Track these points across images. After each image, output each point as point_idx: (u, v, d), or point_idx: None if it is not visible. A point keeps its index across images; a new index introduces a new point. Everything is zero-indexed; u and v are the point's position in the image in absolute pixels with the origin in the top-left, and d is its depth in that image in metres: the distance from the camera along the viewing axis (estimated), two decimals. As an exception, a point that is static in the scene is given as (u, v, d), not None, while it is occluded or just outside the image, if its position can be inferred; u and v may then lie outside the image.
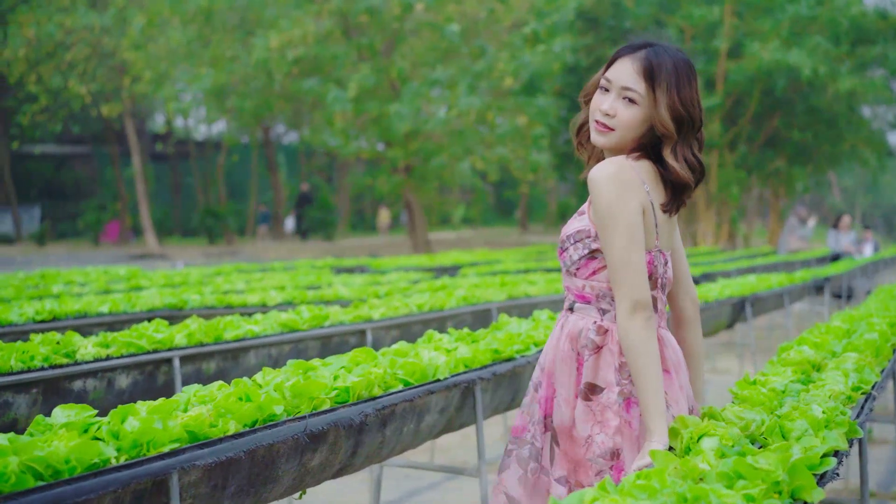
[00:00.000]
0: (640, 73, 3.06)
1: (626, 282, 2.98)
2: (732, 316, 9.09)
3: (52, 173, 45.38)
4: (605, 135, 3.11)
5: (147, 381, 4.87)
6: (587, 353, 3.13)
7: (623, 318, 3.00)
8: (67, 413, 2.98)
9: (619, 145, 3.11)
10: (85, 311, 6.57)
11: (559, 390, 3.18)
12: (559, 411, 3.17)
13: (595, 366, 3.12)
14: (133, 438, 2.86)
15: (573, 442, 3.13)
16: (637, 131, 3.09)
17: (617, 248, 2.99)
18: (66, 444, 2.68)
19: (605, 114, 3.09)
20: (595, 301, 3.16)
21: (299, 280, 10.94)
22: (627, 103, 3.07)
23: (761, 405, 3.54)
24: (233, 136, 36.48)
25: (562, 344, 3.19)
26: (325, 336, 6.11)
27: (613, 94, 3.10)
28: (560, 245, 3.18)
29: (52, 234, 40.81)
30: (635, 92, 3.06)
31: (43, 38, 28.69)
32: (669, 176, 3.10)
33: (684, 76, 3.08)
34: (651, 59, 3.06)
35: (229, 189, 45.16)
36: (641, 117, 3.07)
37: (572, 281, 3.18)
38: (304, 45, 24.09)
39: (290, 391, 3.50)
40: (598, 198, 3.01)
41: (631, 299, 2.98)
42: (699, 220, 27.80)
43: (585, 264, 3.13)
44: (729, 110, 26.78)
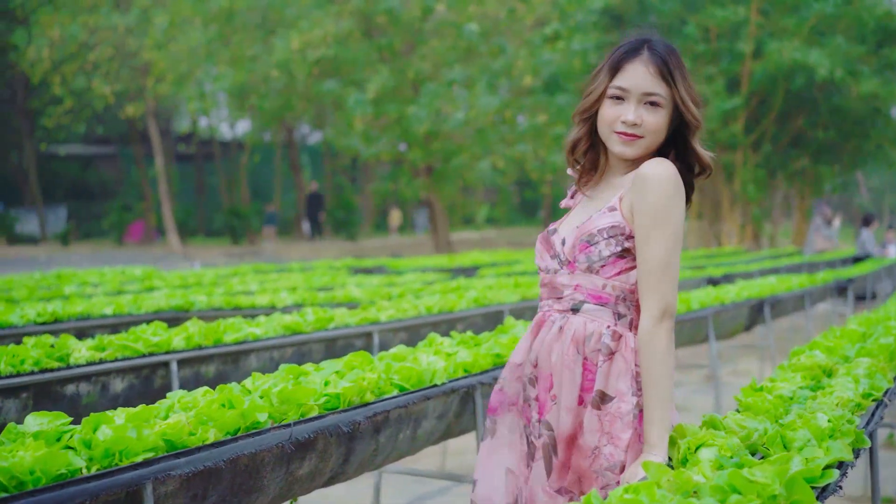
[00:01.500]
0: (657, 75, 2.98)
1: (662, 286, 2.89)
2: (751, 318, 8.94)
3: (77, 174, 45.66)
4: (634, 144, 3.01)
5: (143, 385, 4.78)
6: (600, 359, 2.97)
7: (650, 322, 2.89)
8: (40, 421, 2.88)
9: (647, 152, 3.03)
10: (88, 313, 6.50)
11: (560, 397, 3.00)
12: (559, 419, 3.00)
13: (607, 373, 2.97)
14: (105, 448, 2.76)
15: (578, 452, 2.98)
16: (664, 134, 3.01)
17: (663, 249, 2.89)
18: (33, 454, 2.58)
19: (633, 123, 2.99)
20: (613, 303, 3.00)
21: (314, 281, 10.86)
22: (651, 108, 2.98)
23: (766, 413, 3.41)
24: (255, 136, 36.48)
25: (563, 347, 3.01)
26: (329, 339, 6.01)
27: (633, 101, 2.99)
28: (586, 239, 2.98)
29: (76, 234, 41.03)
30: (658, 95, 2.98)
31: (66, 39, 28.78)
32: (694, 167, 3.08)
33: (683, 64, 3.06)
34: (663, 57, 3.00)
35: (253, 189, 45.23)
36: (667, 119, 3.00)
37: (588, 279, 2.99)
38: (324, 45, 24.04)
39: (277, 397, 3.40)
40: (653, 195, 2.89)
41: (663, 305, 2.89)
42: (723, 220, 27.59)
43: (613, 262, 2.98)
44: (753, 110, 26.54)
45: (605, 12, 26.12)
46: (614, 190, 3.06)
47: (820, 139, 27.51)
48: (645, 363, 2.90)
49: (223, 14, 25.66)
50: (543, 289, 3.13)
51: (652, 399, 2.88)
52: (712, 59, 25.72)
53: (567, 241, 3.04)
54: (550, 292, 3.09)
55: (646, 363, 2.89)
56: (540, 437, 3.05)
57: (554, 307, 3.07)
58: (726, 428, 3.18)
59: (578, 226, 3.03)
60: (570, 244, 3.03)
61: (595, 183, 3.16)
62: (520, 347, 3.18)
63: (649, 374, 2.89)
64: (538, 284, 3.26)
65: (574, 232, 3.03)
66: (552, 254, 3.09)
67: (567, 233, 3.07)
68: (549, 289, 3.10)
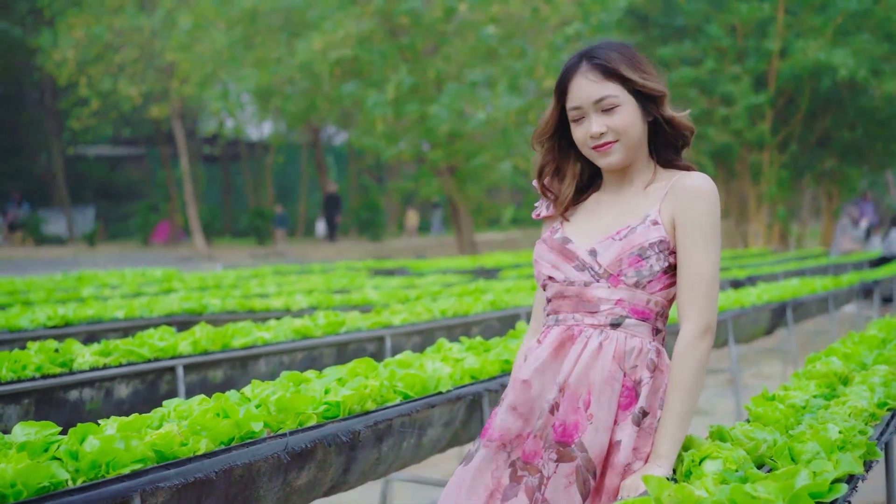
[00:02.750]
0: (600, 79, 2.93)
1: (708, 301, 2.85)
2: (772, 321, 8.81)
3: (105, 175, 45.97)
4: (611, 151, 2.96)
5: (148, 391, 4.73)
6: (645, 375, 2.89)
7: (694, 336, 2.84)
8: (27, 431, 2.83)
9: (631, 153, 2.97)
10: (98, 316, 6.46)
11: (598, 416, 2.86)
12: (596, 439, 2.86)
13: (651, 390, 2.89)
14: (92, 459, 2.70)
15: (612, 471, 2.87)
16: (640, 126, 2.95)
17: (711, 264, 2.87)
18: (15, 467, 2.52)
19: (600, 134, 2.94)
20: (653, 319, 2.93)
21: (333, 283, 10.81)
22: (609, 111, 2.93)
23: (776, 423, 3.32)
24: (279, 137, 36.51)
25: (604, 363, 2.88)
26: (340, 343, 5.95)
27: (591, 114, 2.95)
28: (638, 253, 2.88)
29: (104, 235, 41.26)
30: (609, 96, 2.92)
31: (92, 40, 28.90)
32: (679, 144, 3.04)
33: (631, 52, 2.97)
34: (599, 59, 2.94)
35: (279, 190, 45.31)
36: (633, 113, 2.93)
37: (633, 294, 2.90)
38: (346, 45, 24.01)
39: (275, 406, 3.34)
40: (700, 210, 2.88)
41: (707, 320, 2.85)
42: (750, 220, 27.36)
43: (659, 277, 2.91)
44: (781, 109, 26.32)
45: (630, 12, 25.96)
46: (645, 199, 2.99)
47: (846, 139, 27.26)
48: (677, 375, 2.84)
49: (246, 16, 25.68)
50: (564, 301, 2.98)
51: (674, 411, 2.82)
52: (738, 57, 25.51)
53: (606, 253, 2.91)
54: (578, 306, 2.95)
55: (679, 375, 2.84)
56: (571, 462, 2.88)
57: (585, 321, 2.94)
58: (734, 439, 3.10)
59: (613, 236, 2.92)
60: (612, 256, 2.90)
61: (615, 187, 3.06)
62: (531, 364, 2.99)
63: (679, 386, 2.83)
64: (547, 297, 3.04)
65: (616, 244, 2.91)
66: (577, 265, 2.95)
67: (596, 243, 2.94)
68: (574, 302, 2.96)
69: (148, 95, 32.57)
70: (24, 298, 8.79)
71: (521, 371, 2.99)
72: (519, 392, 2.97)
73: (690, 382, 2.82)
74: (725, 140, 25.10)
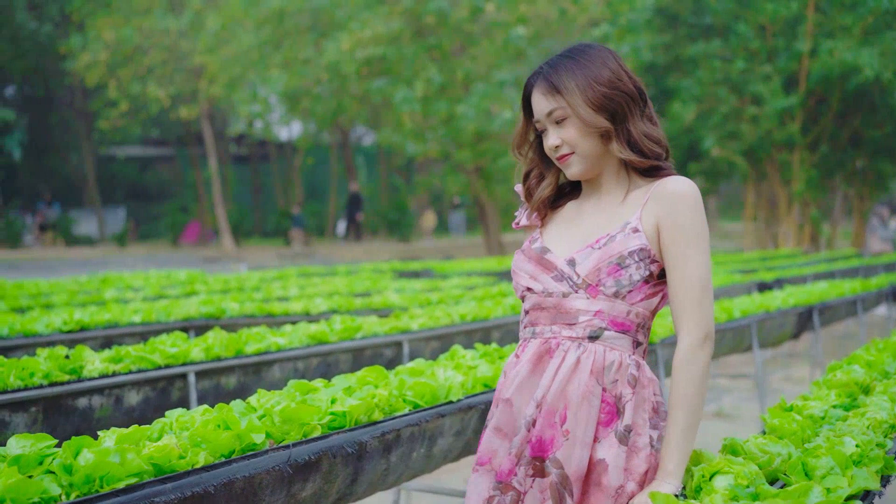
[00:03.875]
0: (547, 92, 2.87)
1: (703, 308, 2.76)
2: (799, 325, 8.68)
3: (136, 175, 46.22)
4: (569, 162, 2.90)
5: (159, 398, 4.69)
6: (627, 391, 2.80)
7: (694, 346, 2.75)
8: (22, 444, 2.77)
9: (591, 163, 2.90)
10: (115, 321, 6.42)
11: (575, 432, 2.77)
12: (573, 455, 2.78)
13: (634, 405, 2.80)
14: (86, 473, 2.64)
15: (600, 492, 2.77)
16: (592, 137, 2.85)
17: (702, 269, 2.77)
18: (5, 481, 2.47)
19: (555, 146, 2.89)
20: (634, 331, 2.84)
21: (356, 286, 10.76)
22: (561, 124, 2.87)
23: (791, 436, 3.23)
24: (308, 139, 36.55)
25: (582, 378, 2.79)
26: (356, 349, 5.89)
27: (548, 127, 2.90)
28: (617, 261, 2.79)
29: (134, 235, 41.46)
30: (557, 109, 2.85)
31: (121, 42, 29.03)
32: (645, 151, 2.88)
33: (595, 63, 2.85)
34: (547, 74, 2.88)
35: (308, 190, 45.39)
36: (582, 124, 2.84)
37: (612, 304, 2.80)
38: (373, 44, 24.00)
39: (279, 416, 3.27)
40: (685, 214, 2.78)
41: (704, 328, 2.76)
42: (780, 221, 27.13)
43: (640, 287, 2.81)
44: (811, 109, 26.07)
45: (659, 12, 25.80)
46: (625, 206, 2.89)
47: (877, 139, 26.96)
48: (679, 388, 2.75)
49: (274, 16, 25.71)
50: (541, 313, 2.88)
51: (678, 426, 2.73)
52: (769, 57, 25.29)
53: (584, 262, 2.81)
54: (556, 318, 2.85)
55: (680, 387, 2.75)
56: (545, 477, 2.80)
57: (563, 334, 2.84)
58: (747, 453, 3.01)
59: (592, 245, 2.82)
60: (590, 266, 2.80)
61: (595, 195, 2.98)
62: (511, 382, 2.91)
63: (682, 399, 2.74)
64: (525, 308, 2.95)
65: (595, 253, 2.81)
66: (555, 275, 2.85)
67: (575, 252, 2.85)
68: (552, 313, 2.86)
69: (176, 97, 32.69)
70: (45, 301, 8.79)
71: (504, 390, 2.92)
72: (502, 412, 2.90)
73: (693, 395, 2.74)
74: (757, 138, 24.90)
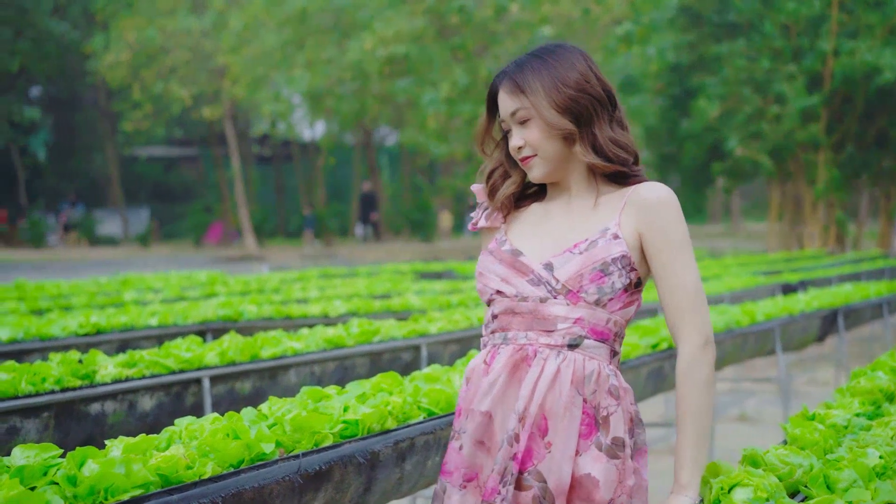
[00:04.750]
0: (512, 91, 2.78)
1: (701, 313, 2.69)
2: (823, 329, 8.57)
3: (160, 175, 46.39)
4: (531, 165, 2.80)
5: (173, 403, 4.64)
6: (612, 402, 2.71)
7: (696, 352, 2.66)
8: (27, 454, 2.72)
9: (554, 166, 2.80)
10: (132, 324, 6.38)
11: (557, 444, 2.67)
12: (556, 470, 2.67)
13: (618, 417, 2.72)
14: (90, 485, 2.59)
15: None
16: (554, 140, 2.75)
17: (694, 273, 2.70)
18: (6, 494, 2.42)
19: (518, 148, 2.80)
20: (612, 339, 2.75)
21: (376, 287, 10.71)
22: (524, 125, 2.77)
23: (813, 446, 3.13)
24: (331, 139, 36.57)
25: (563, 388, 2.69)
26: (374, 353, 5.83)
27: (513, 127, 2.81)
28: (601, 268, 2.69)
29: (158, 236, 41.60)
30: (520, 109, 2.76)
31: (144, 43, 29.12)
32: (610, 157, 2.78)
33: (563, 64, 2.76)
34: (513, 73, 2.79)
35: (332, 191, 45.40)
36: (544, 128, 2.75)
37: (593, 312, 2.71)
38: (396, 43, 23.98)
39: (290, 425, 3.21)
40: (669, 220, 2.71)
41: (705, 332, 2.68)
42: (805, 221, 26.92)
43: (619, 296, 2.73)
44: (836, 108, 25.86)
45: (682, 10, 25.66)
46: (599, 211, 2.80)
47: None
48: (686, 397, 2.66)
49: (297, 16, 25.72)
50: (514, 318, 2.76)
51: (689, 435, 2.64)
52: (794, 56, 25.11)
53: (564, 267, 2.71)
54: (532, 323, 2.74)
55: (686, 396, 2.66)
56: (527, 491, 2.69)
57: (540, 341, 2.72)
58: (767, 464, 2.92)
59: (570, 250, 2.72)
60: (571, 271, 2.70)
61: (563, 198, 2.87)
62: (486, 392, 2.77)
63: (689, 407, 2.65)
64: (494, 312, 2.83)
65: (575, 258, 2.71)
66: (531, 279, 2.74)
67: (552, 256, 2.74)
68: (527, 319, 2.74)
69: (199, 97, 32.77)
70: (64, 303, 8.77)
71: (478, 400, 2.76)
72: (481, 425, 2.75)
73: (701, 403, 2.65)
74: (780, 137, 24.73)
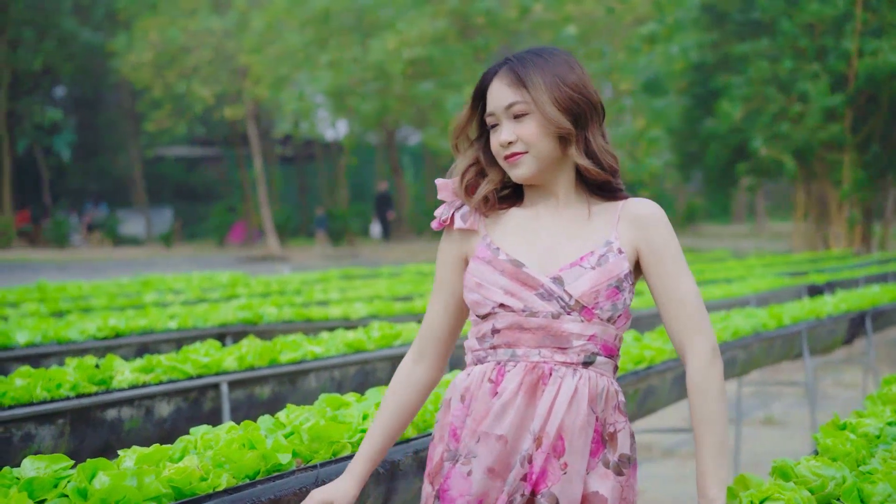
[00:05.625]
0: (512, 84, 2.65)
1: (706, 323, 2.62)
2: (851, 332, 8.45)
3: (183, 175, 46.49)
4: (519, 162, 2.65)
5: (191, 409, 4.58)
6: (621, 419, 2.66)
7: (708, 362, 2.59)
8: (37, 465, 2.65)
9: (543, 167, 2.66)
10: (151, 327, 6.32)
11: (572, 464, 2.58)
12: (569, 492, 2.58)
13: (625, 433, 2.67)
14: (101, 498, 2.52)
15: None
16: (548, 140, 2.64)
17: (693, 285, 2.65)
18: (14, 509, 2.36)
19: (508, 143, 2.65)
20: (616, 355, 2.70)
21: (398, 289, 10.64)
22: (520, 119, 2.64)
23: (845, 457, 3.03)
24: (354, 139, 36.56)
25: (581, 407, 2.60)
26: (395, 357, 5.75)
27: (503, 121, 2.66)
28: (616, 284, 2.62)
29: (181, 236, 41.69)
30: (519, 103, 2.63)
31: (166, 43, 29.19)
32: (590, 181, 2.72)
33: (562, 64, 2.67)
34: (515, 67, 2.66)
35: (354, 191, 45.39)
36: (542, 124, 2.63)
37: (605, 329, 2.63)
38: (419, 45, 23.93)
39: (308, 434, 3.14)
40: (666, 234, 2.67)
41: (711, 342, 2.61)
42: (831, 221, 26.72)
43: (625, 312, 2.67)
44: (861, 108, 25.64)
45: (706, 9, 25.50)
46: (594, 223, 2.71)
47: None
48: (702, 408, 2.57)
49: (319, 16, 25.71)
50: (523, 334, 2.62)
51: (709, 446, 2.55)
52: (818, 55, 24.92)
53: (577, 282, 2.61)
54: (544, 340, 2.61)
55: (701, 408, 2.57)
56: None
57: (556, 359, 2.61)
58: (798, 477, 2.82)
59: (579, 263, 2.62)
60: (586, 287, 2.60)
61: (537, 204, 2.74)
62: (500, 413, 2.61)
63: (705, 418, 2.56)
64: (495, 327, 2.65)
65: (589, 273, 2.61)
66: (541, 293, 2.61)
67: (560, 270, 2.63)
68: (538, 335, 2.61)
69: (221, 97, 32.82)
70: (85, 305, 8.74)
71: (492, 424, 2.60)
72: (493, 450, 2.60)
73: (717, 412, 2.58)
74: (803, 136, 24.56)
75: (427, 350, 2.81)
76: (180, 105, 33.38)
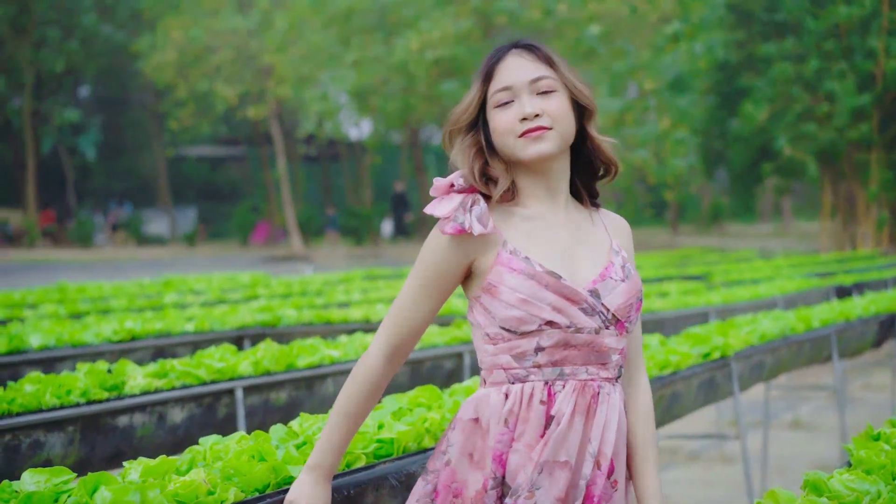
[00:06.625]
0: (536, 60, 2.53)
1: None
2: (880, 334, 8.29)
3: (207, 175, 46.57)
4: (545, 137, 2.48)
5: (205, 415, 4.48)
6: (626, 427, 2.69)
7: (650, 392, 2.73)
8: (37, 479, 2.55)
9: (560, 147, 2.51)
10: (167, 330, 6.23)
11: (620, 481, 2.54)
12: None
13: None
14: (102, 514, 2.42)
15: None
16: (573, 123, 2.53)
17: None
18: (10, 525, 2.26)
19: (535, 115, 2.47)
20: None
21: (420, 290, 10.52)
22: (546, 95, 2.50)
23: (880, 470, 2.90)
24: (378, 138, 36.52)
25: (623, 422, 2.55)
26: (414, 361, 5.65)
27: (524, 95, 2.49)
28: (639, 298, 2.56)
29: (205, 235, 41.75)
30: (549, 78, 2.50)
31: (190, 42, 29.23)
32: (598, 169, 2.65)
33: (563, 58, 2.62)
34: (535, 47, 2.55)
35: (378, 190, 45.33)
36: (567, 102, 2.52)
37: (626, 341, 2.59)
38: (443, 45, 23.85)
39: (320, 445, 3.03)
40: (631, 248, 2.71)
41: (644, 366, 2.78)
42: (858, 222, 26.46)
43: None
44: (888, 107, 25.37)
45: (731, 8, 25.30)
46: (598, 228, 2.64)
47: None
48: (647, 431, 2.65)
49: (342, 15, 25.67)
50: (570, 351, 2.47)
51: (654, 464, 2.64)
52: (843, 55, 24.67)
53: (611, 295, 2.49)
54: (589, 356, 2.49)
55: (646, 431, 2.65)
56: None
57: (601, 375, 2.50)
58: (831, 491, 2.70)
59: (608, 275, 2.51)
60: (620, 300, 2.50)
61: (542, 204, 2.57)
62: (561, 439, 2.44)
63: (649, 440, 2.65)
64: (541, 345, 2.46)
65: (621, 286, 2.51)
66: (585, 308, 2.47)
67: (594, 282, 2.50)
68: (584, 352, 2.48)
69: (245, 96, 32.84)
70: (104, 306, 8.68)
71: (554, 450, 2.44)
72: (560, 478, 2.44)
73: (655, 435, 2.71)
74: (829, 136, 24.33)
75: (402, 350, 2.61)
76: (204, 105, 33.43)
